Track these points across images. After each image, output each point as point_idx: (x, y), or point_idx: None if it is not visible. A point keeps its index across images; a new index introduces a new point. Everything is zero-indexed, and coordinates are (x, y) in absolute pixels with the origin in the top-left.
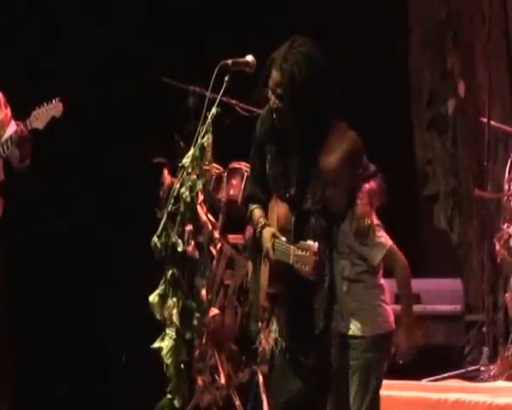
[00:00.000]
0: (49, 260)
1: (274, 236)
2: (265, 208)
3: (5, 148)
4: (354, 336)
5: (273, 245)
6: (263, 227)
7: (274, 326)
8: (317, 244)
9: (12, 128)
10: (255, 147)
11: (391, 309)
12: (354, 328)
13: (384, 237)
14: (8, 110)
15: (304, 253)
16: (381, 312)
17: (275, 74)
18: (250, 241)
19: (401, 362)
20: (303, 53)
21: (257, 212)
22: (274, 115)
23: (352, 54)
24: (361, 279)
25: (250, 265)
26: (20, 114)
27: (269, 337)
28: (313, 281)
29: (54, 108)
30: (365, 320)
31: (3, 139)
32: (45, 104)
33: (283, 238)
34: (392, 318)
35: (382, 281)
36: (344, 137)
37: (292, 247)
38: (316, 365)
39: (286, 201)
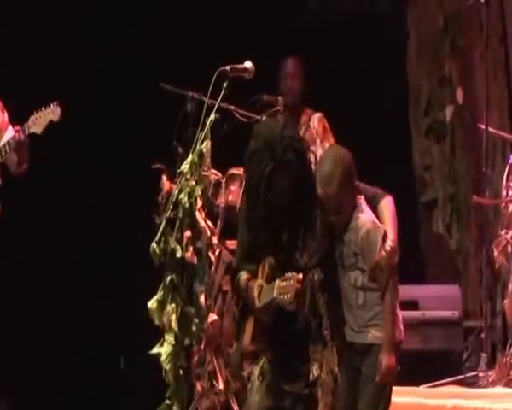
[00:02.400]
0: (48, 265)
1: (261, 286)
2: (255, 273)
3: (3, 153)
4: (370, 344)
5: (259, 294)
6: (249, 279)
7: (257, 367)
8: (301, 275)
9: (10, 133)
10: (243, 219)
11: (401, 316)
12: (370, 336)
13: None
14: (6, 115)
15: (287, 282)
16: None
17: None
18: (238, 309)
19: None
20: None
21: (244, 275)
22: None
23: (351, 61)
24: (375, 287)
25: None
26: (18, 118)
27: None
28: (306, 335)
29: (52, 113)
30: (381, 329)
31: (1, 144)
32: (43, 109)
33: None
34: (402, 325)
35: None
36: (336, 163)
37: (277, 280)
38: (303, 394)
39: (279, 264)
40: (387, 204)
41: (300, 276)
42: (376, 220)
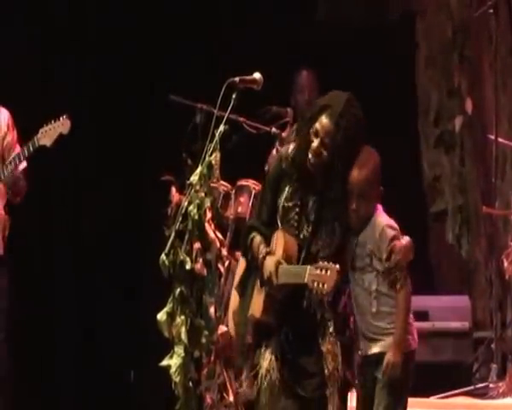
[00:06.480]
0: (56, 276)
1: (279, 262)
2: (266, 240)
3: (1, 176)
4: (383, 352)
5: (277, 270)
6: (267, 253)
7: (265, 358)
8: (338, 266)
9: (17, 151)
10: (272, 181)
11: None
12: (383, 344)
13: None
14: (15, 133)
15: (323, 272)
16: (408, 329)
17: (328, 124)
18: (242, 273)
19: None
20: (357, 117)
21: (258, 239)
22: (311, 159)
23: (358, 71)
24: (389, 293)
25: (234, 298)
26: (28, 131)
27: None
28: (315, 320)
29: (61, 125)
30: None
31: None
32: (53, 121)
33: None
34: (416, 335)
35: None
36: (370, 155)
37: (309, 266)
38: (314, 397)
39: (296, 239)
40: None
41: (338, 266)
42: (394, 224)
